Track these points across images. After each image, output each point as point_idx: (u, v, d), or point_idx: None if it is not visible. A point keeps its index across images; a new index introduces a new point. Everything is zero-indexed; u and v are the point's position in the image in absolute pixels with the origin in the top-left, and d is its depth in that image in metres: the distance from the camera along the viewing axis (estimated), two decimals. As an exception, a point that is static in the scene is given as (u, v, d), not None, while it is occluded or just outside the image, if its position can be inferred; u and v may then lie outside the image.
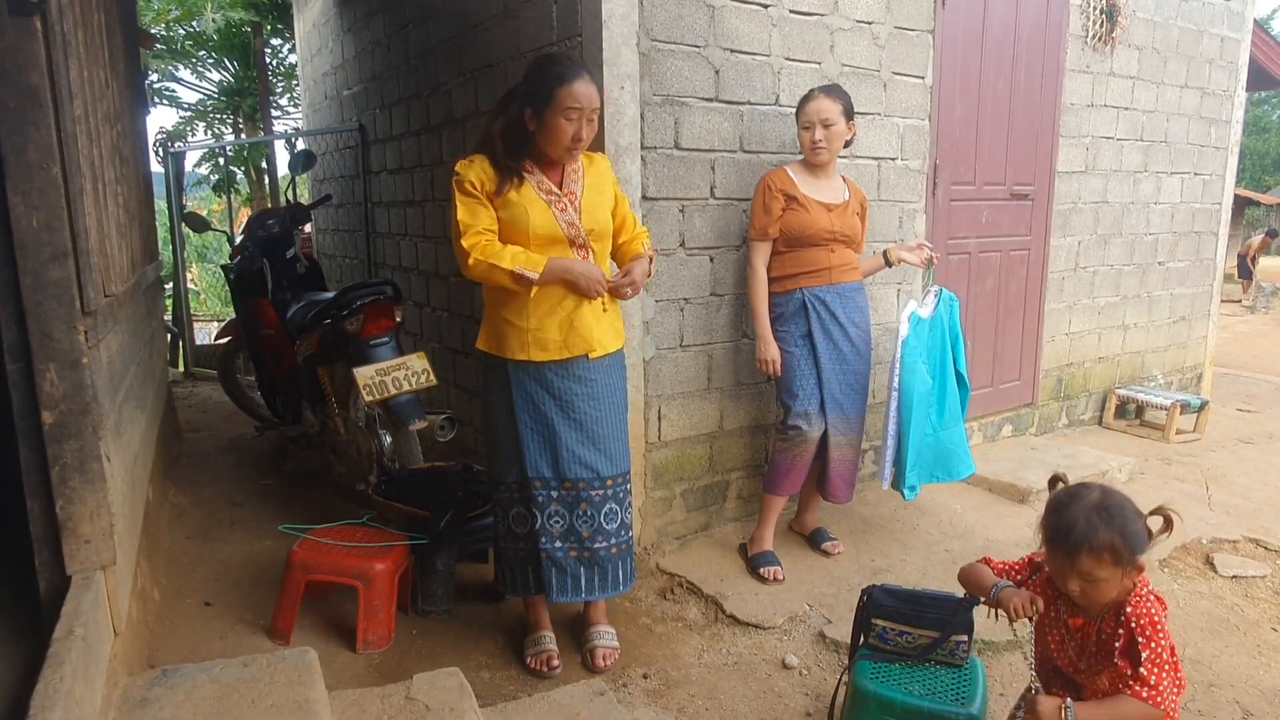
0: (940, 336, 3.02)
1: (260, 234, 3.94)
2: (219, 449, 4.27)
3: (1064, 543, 1.54)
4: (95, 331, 1.69)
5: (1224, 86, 4.87)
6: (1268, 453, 4.40)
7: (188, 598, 2.59)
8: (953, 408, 3.05)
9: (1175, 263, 4.94)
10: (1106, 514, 1.52)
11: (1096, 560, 1.51)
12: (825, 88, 2.83)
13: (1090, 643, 1.61)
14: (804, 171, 2.88)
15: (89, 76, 1.96)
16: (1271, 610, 2.85)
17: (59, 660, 1.28)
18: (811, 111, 2.79)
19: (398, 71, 4.42)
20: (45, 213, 1.46)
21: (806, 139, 2.82)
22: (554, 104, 2.12)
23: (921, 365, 2.92)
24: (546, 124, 2.15)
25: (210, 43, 11.41)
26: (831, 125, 2.77)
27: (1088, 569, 1.52)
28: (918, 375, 2.89)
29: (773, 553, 2.92)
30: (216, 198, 14.26)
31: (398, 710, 1.80)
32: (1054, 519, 1.58)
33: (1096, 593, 1.55)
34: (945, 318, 3.03)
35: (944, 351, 3.03)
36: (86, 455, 1.54)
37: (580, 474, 2.28)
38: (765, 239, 2.86)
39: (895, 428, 2.94)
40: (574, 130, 2.15)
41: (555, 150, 2.20)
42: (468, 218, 2.17)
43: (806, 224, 2.81)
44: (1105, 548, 1.50)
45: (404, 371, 2.96)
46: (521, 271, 2.11)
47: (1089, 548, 1.51)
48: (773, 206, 2.82)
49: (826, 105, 2.77)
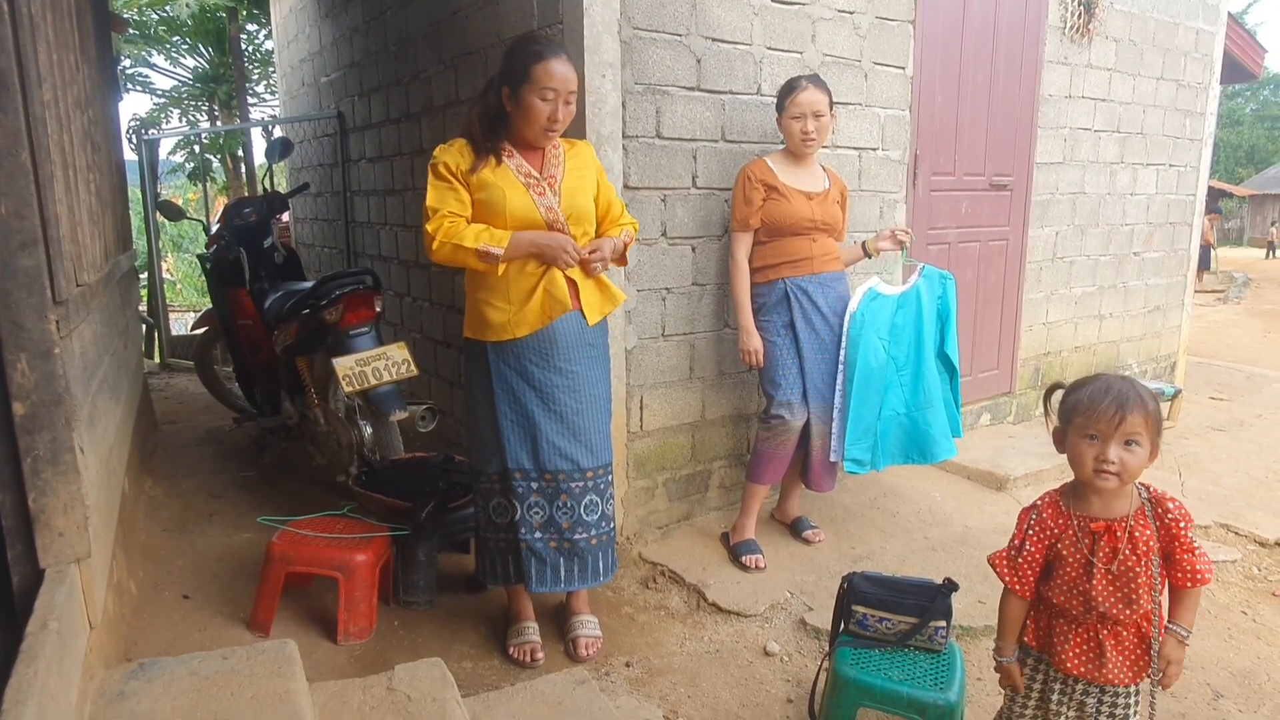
0: (914, 315, 2.93)
1: (237, 223, 3.88)
2: (196, 441, 4.22)
3: (1109, 400, 1.48)
4: (67, 321, 1.66)
5: (1199, 79, 4.93)
6: (1239, 440, 4.48)
7: (165, 590, 2.57)
8: (930, 389, 2.94)
9: (1150, 253, 5.01)
10: (1136, 382, 1.50)
11: (1145, 416, 1.46)
12: (812, 78, 2.80)
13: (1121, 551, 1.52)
14: (784, 161, 2.87)
15: (59, 60, 1.92)
16: (1242, 594, 2.91)
17: (32, 655, 1.26)
18: (804, 103, 2.76)
19: (376, 58, 4.37)
20: (14, 199, 1.43)
21: (797, 129, 2.78)
22: (531, 81, 2.11)
23: (877, 341, 2.85)
24: (523, 103, 2.14)
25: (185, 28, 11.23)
26: (822, 116, 2.77)
27: (1135, 429, 1.47)
28: (865, 350, 2.82)
29: (754, 541, 2.94)
30: (192, 186, 14.07)
31: (379, 701, 1.79)
32: (1085, 389, 1.52)
33: (1134, 461, 1.48)
34: (928, 297, 2.94)
35: (919, 330, 2.93)
36: (59, 447, 1.52)
37: (560, 466, 2.27)
38: (746, 230, 2.86)
39: (841, 401, 2.87)
40: (549, 110, 2.14)
41: (531, 130, 2.18)
42: (435, 202, 2.16)
43: (788, 213, 2.80)
44: (1152, 409, 1.46)
45: (384, 362, 2.94)
46: (486, 248, 2.10)
47: (1139, 402, 1.46)
48: (753, 197, 2.81)
49: (818, 97, 2.76)
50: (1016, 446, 3.99)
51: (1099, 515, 1.55)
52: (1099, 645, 1.58)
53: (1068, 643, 1.61)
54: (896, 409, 2.94)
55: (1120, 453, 1.49)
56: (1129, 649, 1.58)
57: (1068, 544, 1.57)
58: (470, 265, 2.16)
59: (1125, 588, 1.53)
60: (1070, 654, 1.61)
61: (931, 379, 2.96)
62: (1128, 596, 1.53)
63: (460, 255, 2.13)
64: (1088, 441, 1.52)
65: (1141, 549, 1.52)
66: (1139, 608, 1.54)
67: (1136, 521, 1.53)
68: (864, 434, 2.88)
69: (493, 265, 2.13)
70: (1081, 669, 1.60)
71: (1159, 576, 1.53)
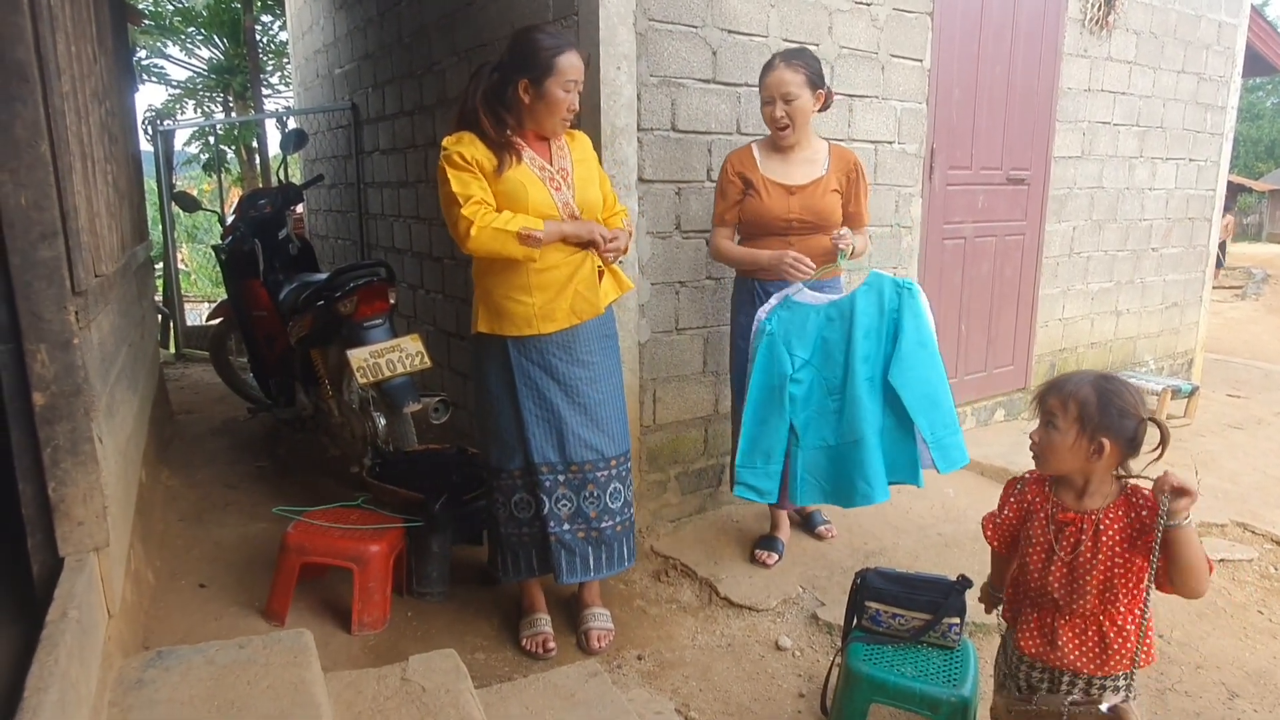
0: (846, 330, 2.42)
1: (252, 214, 3.90)
2: (212, 431, 4.25)
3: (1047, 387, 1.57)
4: (86, 312, 1.67)
5: (1220, 72, 4.86)
6: (1256, 438, 4.43)
7: (182, 580, 2.59)
8: (860, 420, 2.38)
9: (1169, 249, 4.95)
10: (1100, 379, 1.52)
11: (1061, 399, 1.52)
12: (786, 54, 2.51)
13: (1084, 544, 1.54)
14: (769, 149, 2.64)
15: (76, 52, 1.93)
16: (1258, 593, 2.88)
17: (53, 642, 1.28)
18: (771, 85, 2.49)
19: (390, 50, 4.37)
20: (33, 191, 1.44)
21: (768, 115, 2.54)
22: (556, 74, 2.10)
23: (786, 355, 2.45)
24: (547, 95, 2.13)
25: (200, 19, 11.28)
26: (794, 100, 2.47)
27: (1051, 408, 1.53)
28: (767, 364, 2.47)
29: (775, 538, 2.90)
30: (207, 177, 14.13)
31: (394, 691, 1.80)
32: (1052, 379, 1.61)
33: (1047, 443, 1.54)
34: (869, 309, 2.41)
35: (849, 348, 2.40)
36: (78, 437, 1.53)
37: (586, 456, 2.28)
38: (724, 224, 2.69)
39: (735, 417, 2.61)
40: (569, 101, 2.15)
41: (551, 122, 2.17)
42: (461, 188, 2.09)
43: (759, 212, 2.59)
44: (1074, 398, 1.50)
45: (398, 354, 2.94)
46: (528, 231, 2.06)
47: (1067, 387, 1.52)
48: (728, 191, 2.64)
49: (787, 77, 2.46)
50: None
51: (1071, 507, 1.58)
52: (1052, 630, 1.61)
53: (1026, 625, 1.65)
54: (826, 439, 2.46)
55: (1040, 432, 1.56)
56: (1087, 641, 1.58)
57: (1037, 527, 1.62)
58: (508, 252, 2.09)
59: (1078, 580, 1.56)
60: (1025, 635, 1.64)
61: (863, 409, 2.39)
62: (1079, 589, 1.56)
63: (501, 240, 2.07)
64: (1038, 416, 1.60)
65: (1105, 546, 1.53)
66: (1086, 603, 1.55)
67: (1106, 516, 1.54)
68: (763, 459, 2.50)
69: (534, 249, 2.08)
70: (1031, 649, 1.63)
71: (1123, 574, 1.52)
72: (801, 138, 2.61)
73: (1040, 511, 1.62)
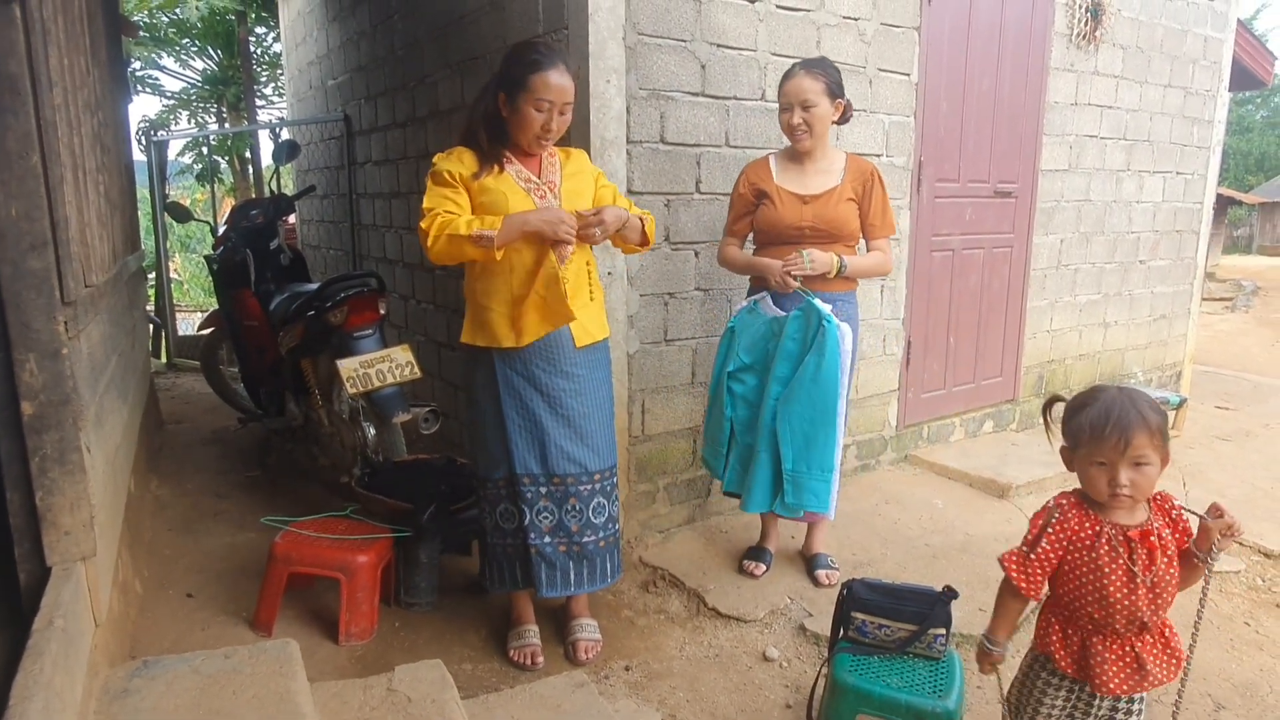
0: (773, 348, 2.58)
1: (244, 224, 3.91)
2: (202, 440, 4.24)
3: (1110, 427, 1.44)
4: (75, 322, 1.68)
5: (1207, 86, 4.92)
6: (1244, 450, 4.46)
7: (170, 589, 2.58)
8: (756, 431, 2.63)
9: (1156, 261, 5.00)
10: (1136, 395, 1.47)
11: (1150, 437, 1.43)
12: (807, 63, 2.57)
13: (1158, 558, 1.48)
14: (786, 160, 2.69)
15: (69, 64, 1.94)
16: (1245, 605, 2.90)
17: (38, 651, 1.28)
18: (790, 92, 2.54)
19: (383, 62, 4.40)
20: (24, 202, 1.45)
21: (785, 122, 2.59)
22: (527, 91, 2.11)
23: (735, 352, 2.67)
24: (518, 110, 2.14)
25: (194, 30, 11.30)
26: (812, 107, 2.52)
27: (1141, 450, 1.43)
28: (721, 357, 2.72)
29: (763, 549, 2.90)
30: (200, 187, 14.14)
31: (379, 701, 1.80)
32: (1085, 414, 1.48)
33: (1145, 481, 1.45)
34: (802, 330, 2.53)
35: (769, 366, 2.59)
36: (66, 446, 1.54)
37: (569, 469, 2.28)
38: (733, 235, 2.77)
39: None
40: (543, 120, 2.14)
41: (524, 138, 2.19)
42: (430, 203, 2.16)
43: (773, 220, 2.63)
44: (1155, 425, 1.44)
45: (388, 364, 2.95)
46: (479, 233, 2.05)
47: (1141, 423, 1.43)
48: (738, 204, 2.72)
49: (807, 84, 2.51)
50: (1019, 454, 3.98)
51: (1132, 523, 1.51)
52: (1137, 657, 1.52)
53: (1106, 663, 1.53)
54: (748, 440, 2.67)
55: (1131, 475, 1.46)
56: (1159, 656, 1.54)
57: (1104, 552, 1.50)
58: (467, 255, 2.11)
59: (1160, 596, 1.50)
60: (1110, 674, 1.53)
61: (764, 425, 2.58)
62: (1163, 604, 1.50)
63: (455, 245, 2.08)
64: (1097, 467, 1.49)
65: (1170, 551, 1.50)
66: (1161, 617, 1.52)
67: (1160, 525, 1.51)
68: (712, 442, 2.78)
69: (489, 250, 2.06)
70: (1124, 687, 1.52)
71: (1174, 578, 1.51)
72: (818, 146, 2.62)
73: (1099, 536, 1.51)
